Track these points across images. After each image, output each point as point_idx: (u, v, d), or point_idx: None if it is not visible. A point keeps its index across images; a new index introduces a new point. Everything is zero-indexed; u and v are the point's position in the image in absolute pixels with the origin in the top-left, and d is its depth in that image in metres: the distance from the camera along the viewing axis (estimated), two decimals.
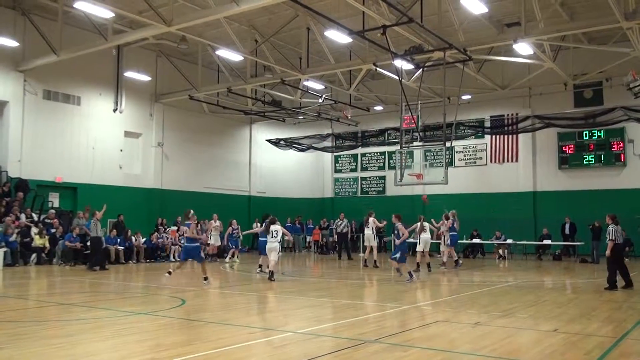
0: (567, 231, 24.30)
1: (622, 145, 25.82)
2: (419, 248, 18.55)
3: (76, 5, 17.66)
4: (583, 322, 8.50)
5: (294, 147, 32.16)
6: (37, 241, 19.75)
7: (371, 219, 19.67)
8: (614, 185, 25.57)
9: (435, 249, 23.65)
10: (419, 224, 18.32)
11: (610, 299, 11.56)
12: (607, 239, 13.16)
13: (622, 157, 25.83)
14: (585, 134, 26.61)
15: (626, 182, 25.47)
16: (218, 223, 22.70)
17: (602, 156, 26.26)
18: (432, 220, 20.06)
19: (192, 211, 14.37)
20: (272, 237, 14.64)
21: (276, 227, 14.75)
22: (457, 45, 19.36)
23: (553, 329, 8.02)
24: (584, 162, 26.66)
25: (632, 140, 25.69)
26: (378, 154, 32.85)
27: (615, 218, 13.41)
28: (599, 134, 26.27)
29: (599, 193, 25.38)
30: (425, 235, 18.47)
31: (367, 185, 33.21)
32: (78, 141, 24.15)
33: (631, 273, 18.02)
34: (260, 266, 16.80)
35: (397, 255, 14.77)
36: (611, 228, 13.17)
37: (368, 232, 19.62)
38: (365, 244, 19.36)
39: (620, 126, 24.95)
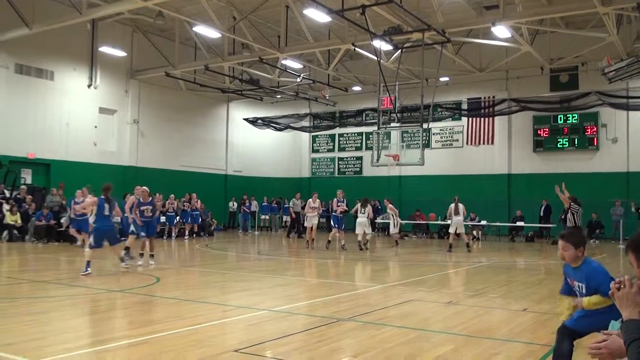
0: (541, 213, 24.71)
1: (595, 129, 26.22)
2: (451, 229, 18.82)
3: None
4: (552, 302, 8.67)
5: (272, 126, 32.04)
6: (9, 218, 19.48)
7: (369, 207, 19.77)
8: (586, 168, 26.01)
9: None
10: (453, 205, 18.52)
11: None
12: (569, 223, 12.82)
13: (595, 141, 26.24)
14: (560, 117, 26.94)
15: (598, 165, 25.94)
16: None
17: (576, 140, 26.64)
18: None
19: (86, 188, 13.41)
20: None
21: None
22: (435, 27, 19.36)
23: (523, 308, 8.19)
24: (558, 146, 27.03)
25: (605, 125, 26.10)
26: (355, 134, 32.90)
27: (577, 200, 13.11)
28: (573, 118, 26.62)
29: (572, 176, 25.71)
30: (458, 218, 18.54)
31: (344, 166, 33.29)
32: (51, 117, 23.72)
33: (600, 255, 18.47)
34: (329, 241, 19.14)
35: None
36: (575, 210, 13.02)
37: (363, 219, 19.18)
38: (358, 231, 19.17)
39: (594, 111, 25.32)
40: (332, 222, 19.47)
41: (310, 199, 19.94)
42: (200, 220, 24.88)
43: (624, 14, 19.99)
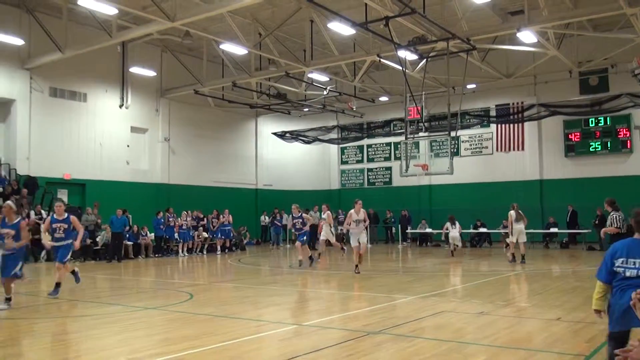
0: (568, 219, 24.37)
1: (628, 132, 25.72)
2: (512, 238, 17.22)
3: (80, 2, 17.75)
4: (586, 310, 8.55)
5: (300, 139, 32.25)
6: (47, 238, 19.89)
7: (328, 213, 18.48)
8: (620, 172, 25.48)
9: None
10: (512, 212, 17.17)
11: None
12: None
13: (628, 144, 25.72)
14: (591, 121, 26.51)
15: (633, 168, 25.39)
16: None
17: (609, 143, 26.17)
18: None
19: (9, 203, 10.22)
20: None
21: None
22: (460, 35, 19.34)
23: (556, 317, 8.10)
24: (590, 150, 26.58)
25: (639, 127, 25.58)
26: (384, 144, 32.88)
27: (615, 204, 12.00)
28: (604, 121, 26.18)
29: (605, 180, 25.30)
30: (519, 226, 17.00)
31: (374, 177, 33.27)
32: (85, 138, 24.33)
33: None
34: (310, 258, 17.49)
35: (304, 238, 17.06)
36: (614, 215, 11.87)
37: (327, 227, 18.16)
38: (329, 239, 18.12)
39: (626, 113, 24.85)
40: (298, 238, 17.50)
41: (328, 212, 18.84)
42: (231, 235, 25.15)
43: None
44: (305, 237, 17.21)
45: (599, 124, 26.39)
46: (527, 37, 20.27)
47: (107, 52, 23.57)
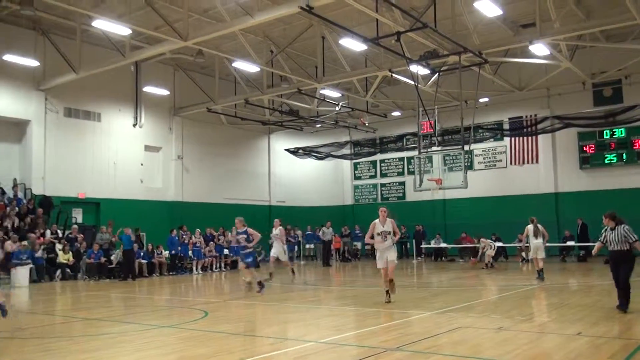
0: (578, 232, 24.10)
1: None
2: (532, 254, 16.46)
3: (94, 24, 18.01)
4: (607, 325, 8.41)
5: (313, 155, 32.26)
6: (62, 257, 20.06)
7: (280, 228, 17.48)
8: (637, 184, 25.19)
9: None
10: (531, 226, 16.31)
11: (634, 300, 11.39)
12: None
13: None
14: (606, 132, 26.29)
15: None
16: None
17: (624, 155, 25.91)
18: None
19: None
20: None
21: None
22: (472, 49, 19.32)
23: (577, 332, 7.94)
24: (606, 162, 26.33)
25: None
26: (397, 159, 32.81)
27: (616, 217, 10.24)
28: (619, 132, 25.94)
29: (622, 192, 25.01)
30: (537, 241, 16.09)
31: (387, 192, 33.17)
32: (99, 157, 24.53)
33: None
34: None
35: (250, 260, 13.95)
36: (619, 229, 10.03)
37: (278, 246, 17.14)
38: (279, 257, 17.10)
39: None
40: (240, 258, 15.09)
41: (280, 228, 17.59)
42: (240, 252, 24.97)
43: None
44: (251, 259, 14.05)
45: (614, 136, 26.17)
46: (539, 49, 20.20)
47: (120, 71, 23.82)
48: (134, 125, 26.06)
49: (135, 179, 25.86)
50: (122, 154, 25.38)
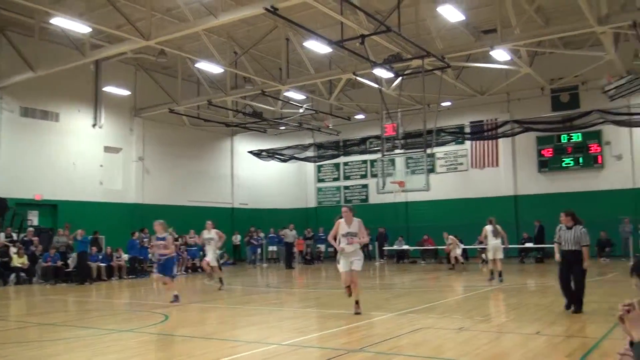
0: (535, 234, 24.63)
1: (599, 147, 26.22)
2: (489, 255, 16.48)
3: (53, 21, 17.55)
4: (564, 324, 8.59)
5: (276, 157, 32.16)
6: (16, 261, 19.48)
7: (216, 231, 16.14)
8: (593, 187, 25.92)
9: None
10: (489, 227, 16.35)
11: (590, 299, 11.67)
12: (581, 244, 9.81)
13: (599, 159, 26.22)
14: (563, 137, 26.97)
15: (604, 183, 25.86)
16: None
17: (581, 159, 26.62)
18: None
19: None
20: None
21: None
22: (435, 53, 19.55)
23: (535, 331, 8.09)
24: (563, 165, 27.00)
25: (609, 142, 26.09)
26: (360, 162, 32.97)
27: (575, 216, 10.09)
28: (576, 137, 26.64)
29: (578, 195, 25.67)
30: (496, 241, 16.24)
31: (350, 194, 33.30)
32: (57, 158, 23.91)
33: (612, 273, 18.24)
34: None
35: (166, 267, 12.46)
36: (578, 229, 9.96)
37: (211, 250, 16.01)
38: (211, 262, 15.92)
39: (597, 129, 25.29)
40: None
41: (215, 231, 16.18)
42: (198, 255, 24.72)
43: (622, 32, 20.14)
44: (167, 267, 12.53)
45: (571, 140, 26.87)
46: (500, 55, 20.58)
47: (80, 71, 23.29)
48: (94, 125, 25.52)
49: (94, 180, 25.31)
50: (80, 155, 24.81)
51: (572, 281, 9.82)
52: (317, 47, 19.57)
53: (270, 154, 32.02)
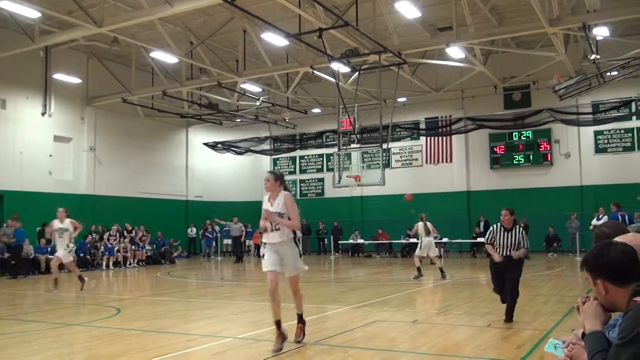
0: (481, 229, 25.19)
1: (548, 145, 26.97)
2: (420, 252, 16.23)
3: (0, 4, 16.90)
4: (515, 317, 8.79)
5: (232, 150, 31.88)
6: None
7: (69, 221, 14.36)
8: (542, 183, 26.67)
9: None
10: (421, 223, 16.17)
11: (539, 293, 12.02)
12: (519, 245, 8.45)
13: (549, 157, 26.98)
14: (515, 134, 27.63)
15: (553, 180, 26.63)
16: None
17: (531, 156, 27.34)
18: None
19: None
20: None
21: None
22: (391, 49, 19.71)
23: (487, 324, 8.27)
24: (514, 162, 27.67)
25: (558, 141, 26.86)
26: (316, 156, 33.01)
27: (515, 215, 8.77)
28: (527, 134, 27.34)
29: (528, 191, 26.40)
30: (428, 239, 16.09)
31: (306, 188, 33.31)
32: (4, 146, 23.06)
33: (559, 268, 18.79)
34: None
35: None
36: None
37: (63, 244, 14.17)
38: (64, 259, 14.16)
39: (547, 127, 26.00)
40: None
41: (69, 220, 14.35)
42: (143, 248, 24.45)
43: (571, 33, 20.74)
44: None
45: (522, 138, 27.55)
46: (455, 52, 20.91)
47: (29, 57, 22.50)
48: (43, 114, 24.70)
49: (43, 170, 24.53)
50: (29, 144, 23.99)
51: (506, 289, 8.43)
52: (275, 39, 19.46)
53: (226, 147, 31.72)
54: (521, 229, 8.53)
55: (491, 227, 8.68)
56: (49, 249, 20.38)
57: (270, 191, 7.03)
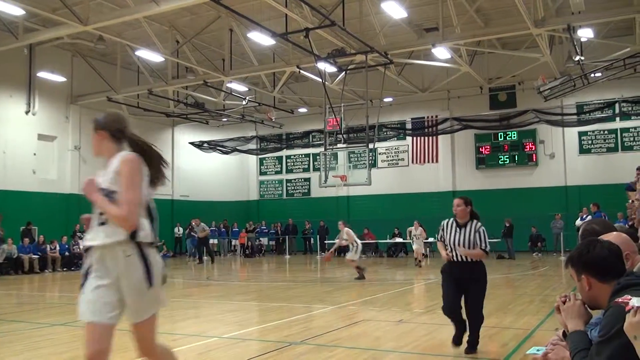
0: None
1: (533, 146, 27.20)
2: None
3: None
4: (499, 316, 8.86)
5: (218, 149, 31.76)
6: None
7: None
8: (527, 184, 26.89)
9: None
10: (413, 228, 16.88)
11: (524, 292, 12.11)
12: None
13: (534, 157, 27.20)
14: (500, 135, 27.82)
15: (538, 180, 26.86)
16: None
17: (516, 156, 27.55)
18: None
19: None
20: None
21: None
22: (378, 49, 19.75)
23: None
24: (500, 162, 27.87)
25: (543, 141, 27.09)
26: (303, 156, 33.00)
27: (472, 207, 7.08)
28: (512, 135, 27.54)
29: (513, 191, 26.60)
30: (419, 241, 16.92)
31: (293, 187, 33.30)
32: None
33: (543, 267, 18.95)
34: None
35: None
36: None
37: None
38: None
39: (532, 128, 26.21)
40: None
41: None
42: None
43: (556, 35, 20.93)
44: None
45: (507, 138, 27.75)
46: (441, 53, 21.01)
47: (12, 54, 22.26)
48: (27, 112, 24.46)
49: (27, 169, 24.29)
50: (12, 143, 23.73)
51: (466, 307, 6.52)
52: (261, 39, 19.43)
53: (212, 146, 31.59)
54: (479, 225, 6.68)
55: (442, 222, 6.91)
56: (32, 248, 20.23)
57: (96, 147, 3.98)
